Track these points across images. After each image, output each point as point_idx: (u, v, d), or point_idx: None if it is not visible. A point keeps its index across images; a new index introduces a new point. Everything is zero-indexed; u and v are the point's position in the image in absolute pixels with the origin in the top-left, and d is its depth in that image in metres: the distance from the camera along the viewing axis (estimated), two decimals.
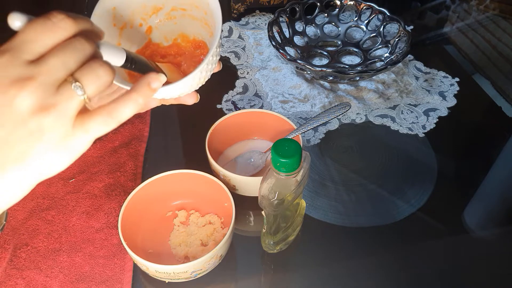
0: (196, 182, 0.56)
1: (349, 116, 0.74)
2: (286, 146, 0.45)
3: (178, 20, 0.46)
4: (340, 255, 0.56)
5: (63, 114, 0.28)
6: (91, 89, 0.29)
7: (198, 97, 0.44)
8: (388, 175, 0.66)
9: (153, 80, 0.33)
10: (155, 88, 0.33)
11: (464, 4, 1.04)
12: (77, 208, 0.59)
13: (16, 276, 0.52)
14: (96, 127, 0.30)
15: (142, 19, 0.45)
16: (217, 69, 0.44)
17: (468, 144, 0.73)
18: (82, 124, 0.30)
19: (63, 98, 0.28)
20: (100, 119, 0.30)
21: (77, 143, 0.30)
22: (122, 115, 0.31)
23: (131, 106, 0.31)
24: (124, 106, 0.31)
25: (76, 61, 0.29)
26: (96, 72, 0.29)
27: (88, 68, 0.29)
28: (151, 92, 0.33)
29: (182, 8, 0.45)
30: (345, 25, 0.89)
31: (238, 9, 0.98)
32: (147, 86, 0.33)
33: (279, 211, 0.49)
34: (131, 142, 0.68)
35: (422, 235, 0.58)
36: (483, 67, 0.90)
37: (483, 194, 0.64)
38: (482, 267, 0.55)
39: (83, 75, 0.29)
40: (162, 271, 0.47)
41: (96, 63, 0.29)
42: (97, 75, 0.29)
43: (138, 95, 0.32)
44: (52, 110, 0.28)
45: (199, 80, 0.40)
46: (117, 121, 0.31)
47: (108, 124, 0.31)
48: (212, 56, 0.39)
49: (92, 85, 0.29)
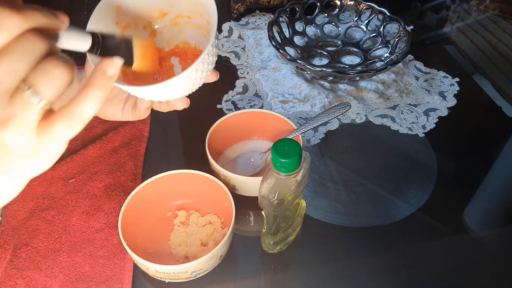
0: (196, 182, 0.56)
1: (349, 116, 0.74)
2: (286, 146, 0.45)
3: (183, 27, 0.46)
4: (340, 255, 0.56)
5: (22, 125, 0.26)
6: (48, 94, 0.26)
7: (189, 102, 0.43)
8: (388, 175, 0.66)
9: (107, 66, 0.29)
10: (111, 75, 0.29)
11: (464, 4, 1.04)
12: (77, 208, 0.59)
13: (16, 276, 0.52)
14: (60, 132, 0.27)
15: (147, 22, 0.45)
16: (213, 79, 0.43)
17: (468, 144, 0.73)
18: (46, 132, 0.27)
19: (18, 109, 0.25)
20: (62, 125, 0.27)
21: (48, 150, 0.28)
22: (84, 115, 0.28)
23: (91, 103, 0.28)
24: (84, 105, 0.28)
25: (27, 65, 0.25)
26: (50, 73, 0.26)
27: (40, 71, 0.26)
28: (109, 80, 0.29)
29: (187, 15, 0.45)
30: (345, 25, 0.89)
31: (238, 9, 0.98)
32: (101, 76, 0.29)
33: (279, 211, 0.49)
34: (131, 142, 0.68)
35: (422, 235, 0.58)
36: (483, 67, 0.90)
37: (483, 194, 0.64)
38: (482, 267, 0.55)
39: (36, 80, 0.25)
40: (162, 271, 0.47)
41: (49, 64, 0.26)
42: (52, 78, 0.26)
43: (95, 89, 0.28)
44: (9, 123, 0.25)
45: (187, 85, 0.39)
46: (81, 122, 0.28)
47: (72, 127, 0.28)
48: (203, 62, 0.38)
49: (48, 89, 0.26)
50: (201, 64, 0.38)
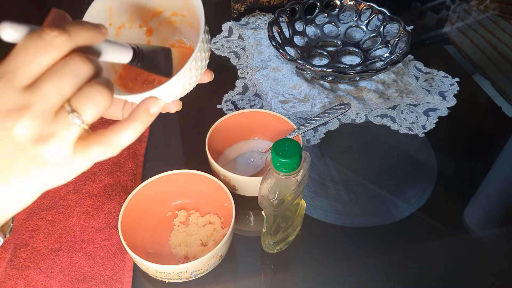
0: (196, 182, 0.56)
1: (349, 116, 0.74)
2: (286, 146, 0.45)
3: (178, 25, 0.45)
4: (340, 255, 0.56)
5: (62, 143, 0.28)
6: (88, 115, 0.28)
7: (181, 105, 0.43)
8: (388, 175, 0.66)
9: (151, 105, 0.32)
10: (153, 113, 0.32)
11: (464, 4, 1.04)
12: (77, 208, 0.59)
13: (16, 276, 0.52)
14: (96, 155, 0.30)
15: (143, 20, 0.45)
16: (207, 79, 0.43)
17: (468, 144, 0.73)
18: (82, 152, 0.29)
19: (60, 127, 0.27)
20: (100, 149, 0.29)
21: (78, 166, 0.30)
22: (122, 143, 0.30)
23: (131, 134, 0.31)
24: (124, 135, 0.30)
25: (72, 86, 0.27)
26: (93, 98, 0.28)
27: (84, 95, 0.28)
28: (150, 117, 0.32)
29: (181, 14, 0.44)
30: (345, 25, 0.89)
31: (238, 9, 0.98)
32: (145, 113, 0.32)
33: (279, 211, 0.49)
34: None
35: (422, 235, 0.58)
36: (483, 67, 0.90)
37: (483, 194, 0.64)
38: (482, 267, 0.55)
39: (80, 103, 0.28)
40: (162, 271, 0.47)
41: (93, 89, 0.28)
42: (94, 102, 0.28)
43: (137, 123, 0.31)
44: (50, 139, 0.27)
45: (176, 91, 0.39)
46: (117, 149, 0.30)
47: (107, 152, 0.30)
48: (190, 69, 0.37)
49: (89, 111, 0.28)
50: (189, 71, 0.37)
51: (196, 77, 0.40)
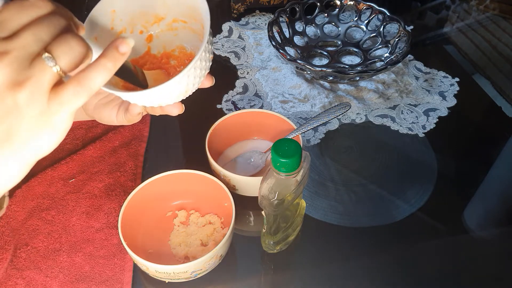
0: (196, 182, 0.56)
1: (349, 116, 0.74)
2: (286, 146, 0.45)
3: (179, 31, 0.45)
4: (340, 255, 0.56)
5: (37, 88, 0.28)
6: (64, 61, 0.29)
7: (183, 108, 0.43)
8: (388, 175, 0.66)
9: (121, 43, 0.32)
10: (123, 52, 0.32)
11: (464, 4, 1.04)
12: (77, 208, 0.59)
13: (16, 276, 0.52)
14: (68, 98, 0.30)
15: (143, 26, 0.45)
16: (208, 84, 0.43)
17: (468, 144, 0.73)
18: (55, 97, 0.29)
19: (35, 71, 0.28)
20: (71, 90, 0.30)
21: (56, 119, 0.30)
22: (93, 83, 0.30)
23: (101, 73, 0.31)
24: (94, 73, 0.30)
25: (49, 35, 0.29)
26: (69, 43, 0.29)
27: (60, 39, 0.29)
28: (120, 56, 0.32)
29: (183, 20, 0.44)
30: (345, 25, 0.89)
31: (238, 9, 0.98)
32: (115, 50, 0.32)
33: (279, 211, 0.49)
34: (131, 142, 0.68)
35: (422, 235, 0.58)
36: (483, 67, 0.90)
37: (483, 194, 0.64)
38: (482, 267, 0.55)
39: (55, 46, 0.29)
40: (162, 271, 0.47)
41: (69, 35, 0.29)
42: (69, 46, 0.29)
43: (107, 60, 0.31)
44: (26, 84, 0.28)
45: (179, 90, 0.39)
46: (89, 90, 0.30)
47: (80, 94, 0.30)
48: (195, 68, 0.38)
49: (64, 56, 0.29)
50: (193, 70, 0.38)
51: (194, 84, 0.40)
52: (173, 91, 0.39)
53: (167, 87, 0.37)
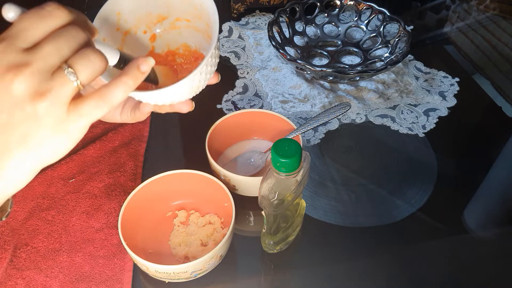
0: (196, 182, 0.56)
1: (349, 116, 0.74)
2: (286, 146, 0.45)
3: (183, 30, 0.46)
4: (340, 255, 0.56)
5: (57, 100, 0.29)
6: (84, 75, 0.30)
7: (193, 106, 0.44)
8: (388, 175, 0.66)
9: (142, 62, 0.33)
10: (144, 71, 0.33)
11: (464, 4, 1.04)
12: (77, 208, 0.59)
13: (16, 276, 0.52)
14: (89, 110, 0.31)
15: (147, 26, 0.45)
16: (215, 81, 0.43)
17: (468, 144, 0.73)
18: (76, 109, 0.30)
19: (57, 84, 0.29)
20: (92, 103, 0.31)
21: (73, 128, 0.31)
22: (114, 98, 0.32)
23: (122, 89, 0.32)
24: (116, 89, 0.32)
25: (70, 48, 0.30)
26: (89, 58, 0.30)
27: (81, 55, 0.30)
28: (141, 74, 0.33)
29: (186, 19, 0.45)
30: (345, 25, 0.89)
31: (238, 9, 0.98)
32: (136, 69, 0.33)
33: (279, 211, 0.49)
34: (131, 142, 0.68)
35: (422, 235, 0.58)
36: (483, 67, 0.90)
37: (483, 194, 0.64)
38: (482, 267, 0.55)
39: (76, 61, 0.30)
40: (162, 271, 0.47)
41: (89, 50, 0.30)
42: (89, 61, 0.30)
43: (128, 78, 0.33)
44: (46, 95, 0.29)
45: (191, 88, 0.40)
46: (109, 104, 0.32)
47: (101, 107, 0.31)
48: (206, 65, 0.38)
49: (85, 71, 0.30)
50: (205, 67, 0.38)
51: (205, 81, 0.41)
52: (187, 88, 0.39)
53: (182, 85, 0.38)
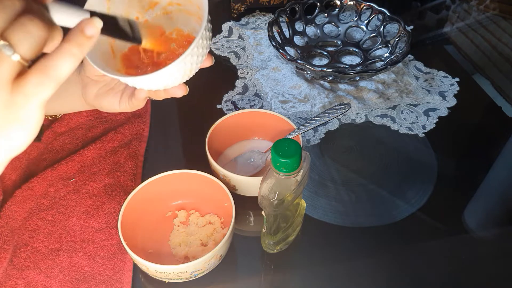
0: (196, 182, 0.56)
1: (349, 116, 0.74)
2: (286, 146, 0.45)
3: (174, 15, 0.46)
4: (340, 255, 0.56)
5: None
6: (23, 48, 0.26)
7: (187, 89, 0.43)
8: (388, 175, 0.66)
9: (87, 25, 0.28)
10: (90, 35, 0.29)
11: (464, 4, 1.04)
12: (77, 208, 0.59)
13: (16, 276, 0.52)
14: (33, 89, 0.27)
15: (139, 12, 0.45)
16: (209, 63, 0.43)
17: (468, 144, 0.73)
18: (19, 88, 0.27)
19: None
20: (34, 80, 0.27)
21: (23, 112, 0.27)
22: (58, 71, 0.27)
23: (66, 59, 0.28)
24: (58, 60, 0.27)
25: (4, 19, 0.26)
26: (26, 27, 0.26)
27: (15, 24, 0.26)
28: (87, 40, 0.29)
29: (177, 3, 0.45)
30: (345, 25, 0.89)
31: (238, 9, 0.97)
32: (80, 33, 0.28)
33: (279, 211, 0.49)
34: (131, 142, 0.68)
35: (422, 235, 0.58)
36: (483, 67, 0.90)
37: (483, 194, 0.64)
38: (482, 267, 0.55)
39: (11, 33, 0.26)
40: (162, 271, 0.47)
41: (24, 18, 0.26)
42: (27, 31, 0.26)
43: (72, 45, 0.28)
44: None
45: (184, 71, 0.40)
46: (55, 79, 0.27)
47: (45, 84, 0.27)
48: (197, 47, 0.38)
49: (23, 42, 0.26)
50: (196, 49, 0.38)
51: (197, 64, 0.40)
52: (179, 72, 0.39)
53: (173, 68, 0.37)
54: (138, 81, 0.39)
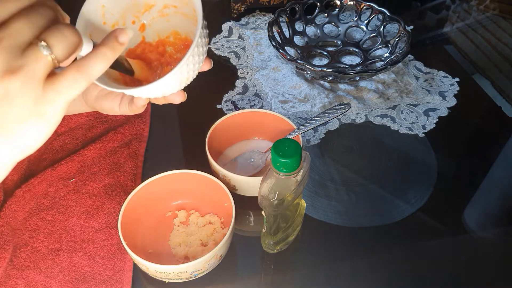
0: (196, 182, 0.56)
1: (349, 116, 0.74)
2: (286, 146, 0.45)
3: (171, 17, 0.45)
4: (340, 255, 0.56)
5: (31, 76, 0.28)
6: (59, 49, 0.28)
7: (186, 96, 0.44)
8: (388, 175, 0.66)
9: (120, 33, 0.32)
10: (123, 41, 0.32)
11: (464, 4, 1.04)
12: (77, 208, 0.59)
13: (16, 276, 0.52)
14: (66, 86, 0.29)
15: (135, 16, 0.44)
16: (207, 67, 0.43)
17: (468, 144, 0.73)
18: (52, 85, 0.29)
19: (29, 60, 0.28)
20: (70, 77, 0.29)
21: (50, 109, 0.29)
22: (92, 70, 0.30)
23: (101, 61, 0.31)
24: (94, 61, 0.31)
25: (40, 24, 0.28)
26: (62, 32, 0.29)
27: (54, 29, 0.28)
28: (119, 45, 0.32)
29: (173, 5, 0.44)
30: (345, 25, 0.89)
31: (238, 9, 0.98)
32: (114, 40, 0.32)
33: (279, 211, 0.49)
34: (131, 142, 0.68)
35: (422, 235, 0.58)
36: (483, 67, 0.90)
37: (483, 194, 0.64)
38: (482, 267, 0.55)
39: (49, 35, 0.28)
40: (162, 271, 0.47)
41: (61, 24, 0.29)
42: (63, 35, 0.28)
43: (107, 49, 0.31)
44: (19, 72, 0.27)
45: (181, 80, 0.40)
46: (88, 78, 0.30)
47: (79, 82, 0.30)
48: (193, 56, 0.38)
49: (59, 44, 0.28)
50: (191, 57, 0.38)
51: (194, 71, 0.40)
52: (175, 80, 0.39)
53: (170, 77, 0.37)
54: (135, 92, 0.39)
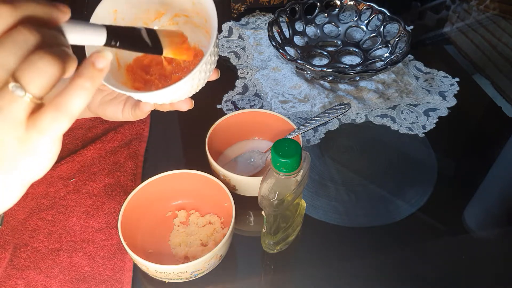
0: (196, 182, 0.56)
1: (349, 116, 0.74)
2: (286, 146, 0.45)
3: (181, 26, 0.45)
4: (340, 255, 0.56)
5: (9, 118, 0.25)
6: (34, 87, 0.25)
7: (193, 104, 0.44)
8: (388, 175, 0.66)
9: (97, 58, 0.28)
10: (101, 68, 0.28)
11: (464, 4, 1.04)
12: (77, 208, 0.59)
13: (16, 276, 0.52)
14: (47, 126, 0.26)
15: (145, 23, 0.45)
16: (214, 77, 0.43)
17: (468, 144, 0.73)
18: (34, 125, 0.26)
19: (5, 102, 0.25)
20: (49, 117, 0.26)
21: (39, 147, 0.27)
22: (71, 107, 0.27)
23: (79, 94, 0.27)
24: (71, 96, 0.27)
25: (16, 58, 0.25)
26: (37, 66, 0.25)
27: (27, 64, 0.25)
28: (98, 73, 0.28)
29: (184, 14, 0.44)
30: (345, 25, 0.89)
31: (238, 9, 0.98)
32: (91, 67, 0.28)
33: (279, 211, 0.49)
34: (131, 142, 0.68)
35: (422, 235, 0.58)
36: (483, 67, 0.90)
37: (483, 194, 0.64)
38: (482, 267, 0.55)
39: (22, 73, 0.25)
40: (162, 271, 0.47)
41: (36, 56, 0.25)
42: (38, 70, 0.25)
43: (84, 80, 0.27)
44: None
45: (191, 87, 0.40)
46: (69, 115, 0.27)
47: (59, 120, 0.26)
48: (206, 64, 0.38)
49: (34, 82, 0.25)
50: (204, 66, 0.38)
51: (204, 79, 0.41)
52: (187, 87, 0.39)
53: (182, 85, 0.37)
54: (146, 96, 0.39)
